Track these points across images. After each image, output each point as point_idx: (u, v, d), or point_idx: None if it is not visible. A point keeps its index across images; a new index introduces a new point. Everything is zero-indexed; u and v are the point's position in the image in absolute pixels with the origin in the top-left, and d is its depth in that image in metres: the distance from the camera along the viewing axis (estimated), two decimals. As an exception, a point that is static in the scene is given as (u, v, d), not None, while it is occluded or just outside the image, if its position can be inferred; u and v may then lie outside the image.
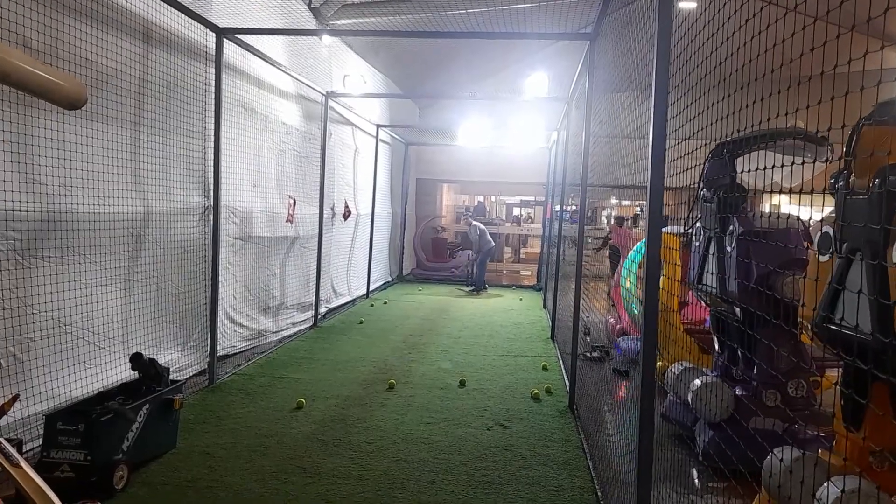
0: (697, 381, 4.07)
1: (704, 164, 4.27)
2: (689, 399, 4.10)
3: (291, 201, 7.13)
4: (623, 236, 10.22)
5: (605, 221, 17.63)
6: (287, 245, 7.40)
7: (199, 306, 5.52)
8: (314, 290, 8.15)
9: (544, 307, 10.68)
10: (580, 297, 5.52)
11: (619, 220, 12.90)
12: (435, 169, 14.94)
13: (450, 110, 13.38)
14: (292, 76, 6.93)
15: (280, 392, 5.31)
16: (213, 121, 5.30)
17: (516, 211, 29.33)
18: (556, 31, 6.07)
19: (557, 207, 9.38)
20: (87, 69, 3.98)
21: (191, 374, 5.46)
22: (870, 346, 2.28)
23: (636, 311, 7.02)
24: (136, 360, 3.89)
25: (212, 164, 5.33)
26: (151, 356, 4.09)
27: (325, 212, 8.33)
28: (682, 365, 4.59)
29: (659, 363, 5.59)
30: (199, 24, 5.05)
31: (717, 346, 4.56)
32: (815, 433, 3.78)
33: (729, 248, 3.99)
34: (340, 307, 9.57)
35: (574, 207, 6.95)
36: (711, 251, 4.28)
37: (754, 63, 2.13)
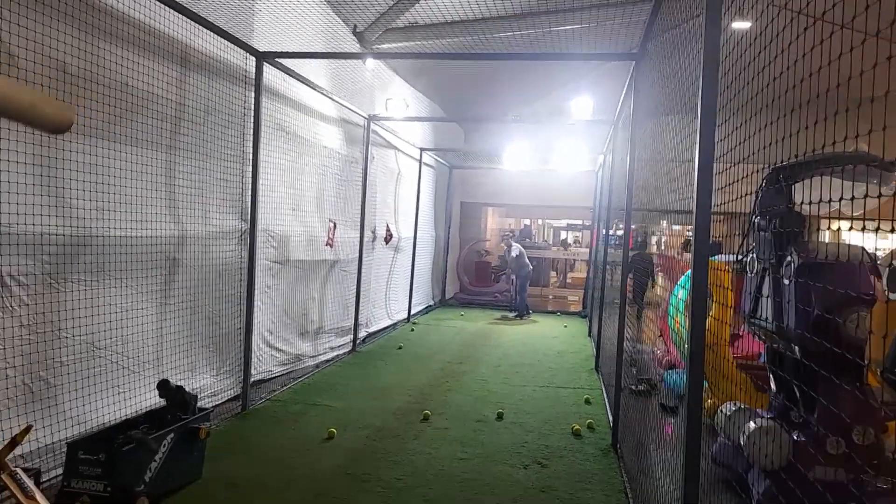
0: (752, 424, 3.76)
1: (759, 190, 4.00)
2: (743, 443, 3.80)
3: (332, 224, 7.10)
4: (671, 263, 9.83)
5: (655, 247, 17.10)
6: (326, 268, 7.35)
7: (235, 330, 5.48)
8: (353, 314, 8.07)
9: (589, 335, 10.36)
10: (624, 326, 5.26)
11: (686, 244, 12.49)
12: (479, 192, 14.81)
13: (495, 134, 13.29)
14: (333, 100, 6.92)
15: (312, 420, 5.19)
16: (251, 144, 5.30)
17: (563, 234, 28.94)
18: (600, 52, 5.88)
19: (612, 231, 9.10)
20: (124, 93, 4.00)
21: (224, 399, 5.40)
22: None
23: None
24: (164, 386, 3.83)
25: (249, 187, 5.31)
26: (179, 383, 4.03)
27: (365, 235, 8.28)
28: (734, 405, 4.28)
29: (709, 401, 5.26)
30: (239, 49, 5.08)
31: (773, 386, 4.24)
32: (885, 485, 3.43)
33: (786, 281, 3.70)
34: (380, 331, 9.47)
35: (620, 231, 6.70)
36: (766, 284, 3.99)
37: (807, 83, 1.94)
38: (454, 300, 14.11)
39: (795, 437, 3.68)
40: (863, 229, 2.20)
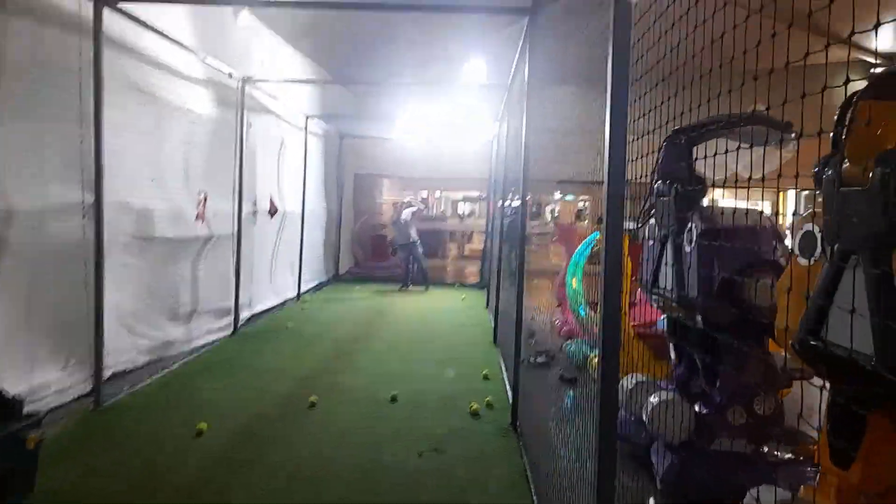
0: (654, 399, 3.59)
1: (658, 152, 3.79)
2: (644, 418, 3.62)
3: (202, 197, 6.37)
4: (568, 233, 9.78)
5: (550, 217, 17.30)
6: (199, 245, 6.62)
7: (83, 317, 4.73)
8: (233, 293, 7.39)
9: (487, 307, 10.19)
10: (523, 297, 5.01)
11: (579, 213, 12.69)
12: (373, 164, 14.21)
13: (387, 99, 12.67)
14: (199, 57, 6.14)
15: (179, 414, 4.59)
16: (92, 104, 4.52)
17: (460, 207, 28.90)
18: (487, 5, 5.49)
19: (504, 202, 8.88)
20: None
21: (74, 395, 4.66)
22: (870, 370, 1.81)
23: (583, 313, 6.57)
24: (-25, 392, 3.13)
25: (92, 154, 4.55)
26: (14, 381, 3.35)
27: (244, 208, 7.58)
28: (634, 378, 4.12)
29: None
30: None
31: (673, 357, 4.11)
32: (787, 454, 3.36)
33: (688, 249, 3.52)
34: (266, 311, 8.80)
35: (517, 202, 6.45)
36: (667, 251, 3.81)
37: (706, 55, 1.97)
38: (348, 275, 13.55)
39: (697, 410, 3.55)
40: (762, 194, 2.00)
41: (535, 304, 5.59)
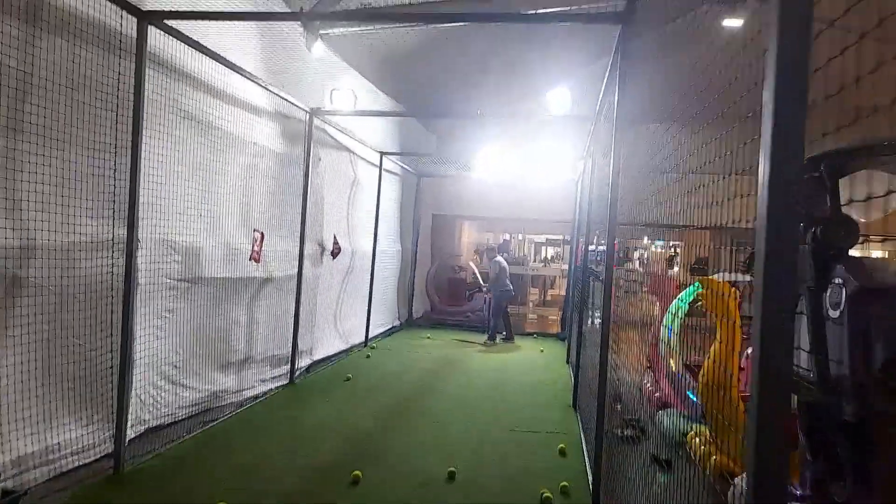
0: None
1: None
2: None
3: (258, 235, 5.95)
4: (661, 282, 8.77)
5: (638, 263, 16.09)
6: (255, 287, 6.19)
7: (112, 367, 4.30)
8: (291, 340, 6.90)
9: (567, 362, 9.25)
10: (608, 355, 4.19)
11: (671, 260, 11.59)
12: (452, 204, 13.60)
13: (467, 139, 12.15)
14: (262, 86, 5.79)
15: (203, 485, 4.01)
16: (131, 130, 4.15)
17: (543, 250, 27.95)
18: (574, 11, 4.84)
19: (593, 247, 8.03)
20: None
21: (98, 455, 4.20)
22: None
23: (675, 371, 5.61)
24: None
25: (128, 186, 4.16)
26: (28, 438, 2.87)
27: (308, 248, 7.14)
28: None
29: (714, 457, 4.19)
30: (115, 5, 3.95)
31: (808, 452, 3.15)
32: None
33: (833, 314, 2.64)
34: (330, 358, 8.27)
35: (602, 247, 5.66)
36: (803, 316, 2.92)
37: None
38: (422, 320, 12.94)
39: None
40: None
41: (623, 361, 4.70)
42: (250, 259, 5.88)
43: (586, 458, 4.88)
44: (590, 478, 4.35)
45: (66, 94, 3.77)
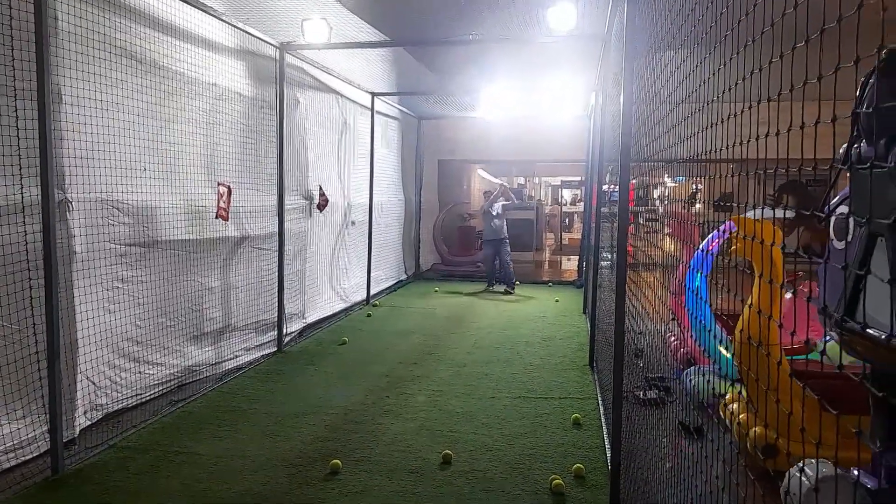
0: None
1: (862, 91, 2.15)
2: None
3: (224, 190, 5.25)
4: (684, 224, 7.99)
5: (658, 202, 15.22)
6: (228, 248, 5.55)
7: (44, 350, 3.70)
8: (277, 303, 6.29)
9: (584, 312, 8.59)
10: (624, 305, 3.51)
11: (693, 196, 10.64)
12: (459, 148, 12.70)
13: (472, 76, 11.16)
14: (212, 14, 4.99)
15: (159, 483, 3.45)
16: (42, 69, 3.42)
17: (562, 194, 26.98)
18: None
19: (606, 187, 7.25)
20: None
21: (35, 453, 3.65)
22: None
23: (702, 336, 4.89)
24: None
25: (36, 134, 3.45)
26: None
27: (291, 202, 6.46)
28: (816, 465, 2.53)
29: (757, 429, 3.51)
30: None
31: (877, 431, 2.47)
32: None
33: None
34: (327, 319, 7.69)
35: (615, 188, 4.89)
36: (877, 261, 2.18)
37: None
38: (431, 272, 12.30)
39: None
40: None
41: (641, 309, 3.98)
42: (216, 217, 5.20)
43: (604, 430, 4.25)
44: (608, 454, 3.72)
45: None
